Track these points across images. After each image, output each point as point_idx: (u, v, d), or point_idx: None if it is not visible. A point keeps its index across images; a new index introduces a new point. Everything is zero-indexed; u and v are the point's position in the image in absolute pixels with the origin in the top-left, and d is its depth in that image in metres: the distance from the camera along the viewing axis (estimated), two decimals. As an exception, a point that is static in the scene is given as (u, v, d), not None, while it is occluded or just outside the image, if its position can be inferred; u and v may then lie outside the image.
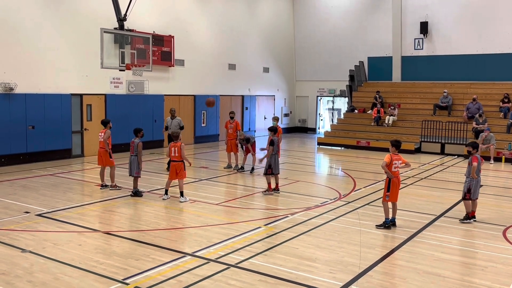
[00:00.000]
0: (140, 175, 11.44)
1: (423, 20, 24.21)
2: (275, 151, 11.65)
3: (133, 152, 11.28)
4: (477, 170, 9.32)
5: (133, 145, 11.28)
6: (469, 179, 9.41)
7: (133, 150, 11.29)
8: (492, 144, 17.92)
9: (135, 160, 11.25)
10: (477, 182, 9.39)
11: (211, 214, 9.88)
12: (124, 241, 7.97)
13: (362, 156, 19.23)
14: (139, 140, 11.33)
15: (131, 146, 11.34)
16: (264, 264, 6.97)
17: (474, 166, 9.29)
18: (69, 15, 16.78)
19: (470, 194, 9.39)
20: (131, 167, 11.34)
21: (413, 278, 6.57)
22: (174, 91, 21.01)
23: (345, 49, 27.01)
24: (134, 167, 11.26)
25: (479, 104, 20.79)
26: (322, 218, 9.54)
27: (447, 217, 9.85)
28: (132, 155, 11.31)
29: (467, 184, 9.40)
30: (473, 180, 9.35)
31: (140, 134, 11.40)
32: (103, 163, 12.09)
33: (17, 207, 10.07)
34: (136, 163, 11.25)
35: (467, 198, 9.43)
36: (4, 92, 14.89)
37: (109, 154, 11.93)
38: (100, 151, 12.04)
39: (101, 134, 12.01)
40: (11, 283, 6.18)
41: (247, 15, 25.47)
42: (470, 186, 9.36)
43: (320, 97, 29.18)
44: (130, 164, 11.37)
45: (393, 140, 9.05)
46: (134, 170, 11.26)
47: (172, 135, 11.21)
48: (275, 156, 11.65)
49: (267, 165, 11.71)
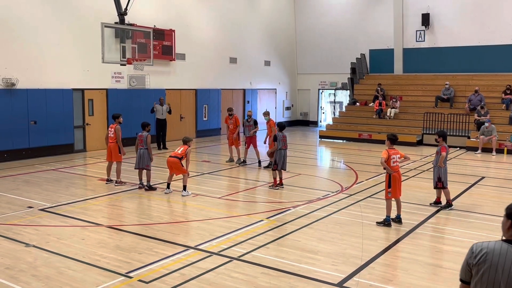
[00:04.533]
0: (150, 168, 11.51)
1: (425, 12, 24.09)
2: (279, 146, 11.63)
3: (143, 145, 11.36)
4: (444, 159, 9.62)
5: (141, 138, 11.39)
6: (437, 168, 9.74)
7: (142, 143, 11.37)
8: (494, 135, 17.90)
9: (145, 153, 11.35)
10: (445, 170, 9.71)
11: (214, 207, 9.91)
12: (127, 235, 8.00)
13: (364, 149, 19.23)
14: (147, 133, 11.44)
15: (139, 139, 11.44)
16: (266, 256, 6.99)
17: (442, 155, 9.63)
18: (70, 10, 16.75)
19: (441, 182, 9.68)
20: (140, 160, 11.37)
21: (415, 270, 6.59)
22: (175, 85, 21.00)
23: (346, 42, 26.92)
24: (145, 160, 11.34)
25: (481, 96, 20.73)
26: (324, 211, 9.56)
27: (449, 209, 9.85)
28: (142, 148, 11.37)
29: (436, 173, 9.74)
30: (441, 168, 9.66)
31: (148, 128, 11.54)
32: (111, 158, 12.08)
33: (20, 202, 10.12)
34: (147, 156, 11.35)
35: (439, 186, 9.76)
36: (6, 87, 14.91)
37: (118, 149, 11.93)
38: (110, 145, 11.97)
39: (111, 130, 11.99)
40: (15, 277, 6.22)
41: (248, 8, 25.39)
42: (439, 175, 9.67)
43: (321, 90, 29.14)
44: (140, 157, 11.37)
45: (390, 134, 8.95)
46: (145, 163, 11.35)
47: (183, 140, 11.30)
48: (280, 151, 11.64)
49: (273, 160, 11.73)
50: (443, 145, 9.75)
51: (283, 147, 11.67)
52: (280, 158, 11.59)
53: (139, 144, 11.42)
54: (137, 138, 11.50)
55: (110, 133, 11.99)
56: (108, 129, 12.18)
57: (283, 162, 11.65)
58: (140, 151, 11.40)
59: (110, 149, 11.99)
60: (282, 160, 11.61)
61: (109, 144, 12.03)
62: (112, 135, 11.93)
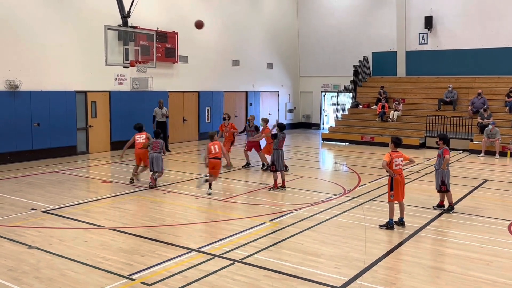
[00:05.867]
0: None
1: (428, 15, 24.10)
2: (276, 146, 11.62)
3: (158, 149, 11.76)
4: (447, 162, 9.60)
5: (157, 144, 11.78)
6: (440, 171, 9.67)
7: (158, 147, 11.76)
8: (497, 138, 17.86)
9: (159, 156, 11.77)
10: (448, 173, 9.65)
11: (216, 210, 9.91)
12: (129, 237, 8.01)
13: (366, 151, 19.21)
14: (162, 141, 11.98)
15: (153, 145, 11.80)
16: (269, 259, 6.99)
17: (446, 158, 9.58)
18: (73, 12, 16.81)
19: (445, 186, 9.64)
20: (156, 164, 11.70)
21: (418, 273, 6.58)
22: (178, 88, 21.02)
23: (349, 44, 26.93)
24: (160, 163, 11.76)
25: (484, 98, 20.69)
26: (327, 214, 9.55)
27: (452, 212, 9.82)
28: (156, 151, 11.73)
29: (440, 176, 9.67)
30: (444, 171, 9.60)
31: (161, 134, 12.34)
32: (140, 163, 12.33)
33: (23, 204, 10.13)
34: (161, 160, 11.84)
35: (443, 190, 9.70)
36: (9, 89, 14.95)
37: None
38: (139, 152, 12.19)
39: (142, 136, 12.30)
40: (18, 279, 6.23)
41: (250, 11, 25.43)
42: (443, 178, 9.61)
43: (324, 93, 29.13)
44: (155, 160, 11.70)
45: (393, 137, 8.91)
46: (160, 166, 11.79)
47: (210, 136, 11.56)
48: (277, 151, 11.62)
49: (270, 161, 11.72)
50: (445, 148, 9.71)
51: (279, 147, 11.63)
52: (278, 158, 11.57)
53: (154, 148, 11.77)
54: (151, 143, 11.89)
55: (141, 139, 12.26)
56: (137, 136, 12.34)
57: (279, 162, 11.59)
58: (153, 154, 11.73)
59: (140, 155, 12.20)
60: (278, 160, 11.55)
61: (137, 150, 12.21)
62: (142, 140, 12.23)
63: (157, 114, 17.68)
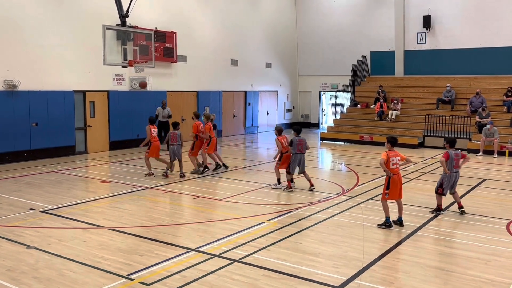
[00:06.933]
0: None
1: (426, 14, 24.12)
2: (294, 151, 11.59)
3: (176, 141, 12.90)
4: (450, 166, 9.43)
5: (174, 136, 12.94)
6: (443, 174, 9.61)
7: (175, 140, 12.90)
8: (496, 138, 17.89)
9: (179, 148, 12.99)
10: (449, 177, 9.47)
11: (215, 209, 9.91)
12: (128, 237, 8.01)
13: (365, 151, 19.22)
14: (180, 131, 13.10)
15: (171, 137, 12.96)
16: (268, 259, 6.99)
17: (441, 161, 9.50)
18: (71, 12, 16.79)
19: (442, 189, 9.54)
20: (176, 154, 12.95)
21: (416, 272, 6.59)
22: (176, 87, 21.01)
23: (347, 44, 26.93)
24: (180, 153, 13.01)
25: (482, 98, 20.72)
26: (326, 213, 9.56)
27: (451, 211, 9.84)
28: (175, 144, 12.88)
29: (441, 179, 9.62)
30: (445, 175, 9.49)
31: (178, 126, 13.29)
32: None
33: (21, 204, 10.13)
34: (180, 150, 13.01)
35: (439, 192, 9.60)
36: (8, 89, 14.93)
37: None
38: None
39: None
40: (16, 279, 6.23)
41: (249, 10, 25.41)
42: (442, 181, 9.54)
43: (323, 92, 29.15)
44: (175, 152, 12.91)
45: (389, 136, 8.95)
46: (180, 155, 13.02)
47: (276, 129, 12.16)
48: (295, 155, 11.56)
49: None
50: (445, 151, 9.64)
51: (297, 151, 11.56)
52: (294, 162, 11.55)
53: (172, 140, 12.92)
54: (169, 135, 13.04)
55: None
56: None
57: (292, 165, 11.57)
58: (173, 147, 12.89)
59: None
60: (293, 163, 11.55)
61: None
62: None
63: (159, 113, 17.88)
